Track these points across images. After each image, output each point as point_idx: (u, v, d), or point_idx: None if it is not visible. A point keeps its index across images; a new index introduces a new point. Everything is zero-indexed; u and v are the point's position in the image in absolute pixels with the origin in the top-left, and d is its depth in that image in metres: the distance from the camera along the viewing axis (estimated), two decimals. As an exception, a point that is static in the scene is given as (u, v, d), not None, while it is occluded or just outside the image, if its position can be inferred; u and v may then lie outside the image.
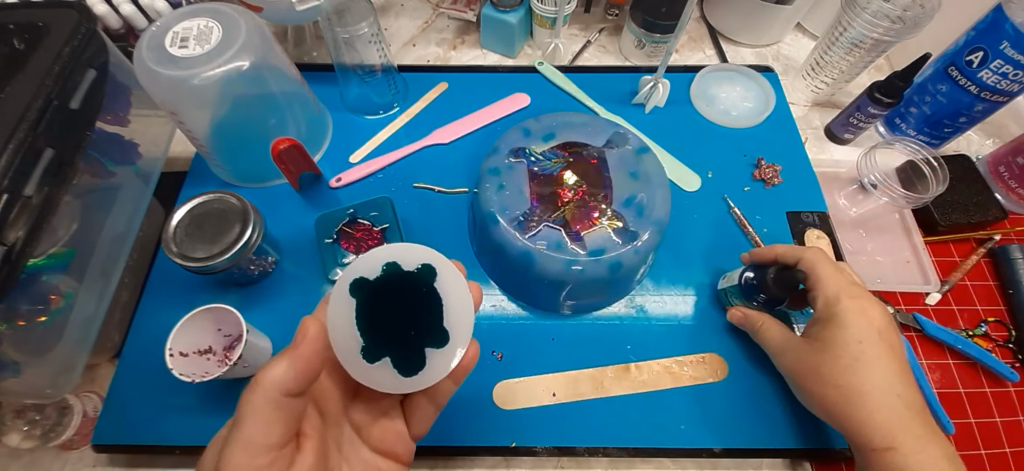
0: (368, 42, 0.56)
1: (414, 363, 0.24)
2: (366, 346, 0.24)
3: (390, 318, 0.24)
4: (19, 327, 0.40)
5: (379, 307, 0.24)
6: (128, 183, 0.50)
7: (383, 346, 0.24)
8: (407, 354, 0.24)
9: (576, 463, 0.47)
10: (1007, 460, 0.47)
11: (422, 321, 0.24)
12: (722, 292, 0.51)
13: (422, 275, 0.24)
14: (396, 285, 0.24)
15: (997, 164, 0.59)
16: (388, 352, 0.24)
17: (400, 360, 0.24)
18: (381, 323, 0.24)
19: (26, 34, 0.42)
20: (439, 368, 0.24)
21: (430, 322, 0.24)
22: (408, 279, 0.24)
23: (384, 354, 0.24)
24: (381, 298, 0.24)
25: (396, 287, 0.24)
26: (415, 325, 0.24)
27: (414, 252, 0.25)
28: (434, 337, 0.24)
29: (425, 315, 0.24)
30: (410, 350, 0.24)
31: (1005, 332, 0.52)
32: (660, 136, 0.62)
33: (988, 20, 0.51)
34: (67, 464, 0.47)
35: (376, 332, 0.24)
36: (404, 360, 0.24)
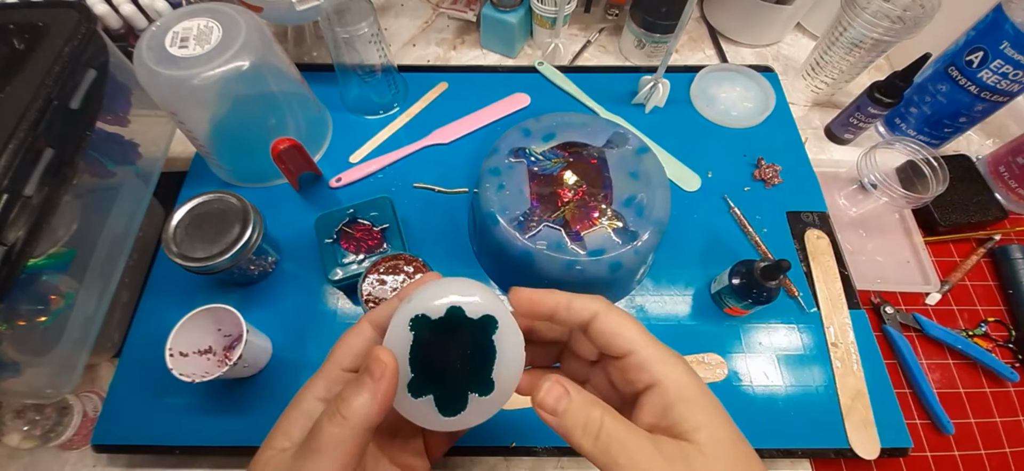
0: (368, 42, 0.56)
1: (455, 405, 0.24)
2: (414, 380, 0.24)
3: (442, 359, 0.24)
4: (19, 327, 0.40)
5: (434, 346, 0.24)
6: (128, 183, 0.50)
7: (430, 384, 0.24)
8: (450, 395, 0.24)
9: (576, 463, 0.47)
10: (1007, 460, 0.47)
11: (472, 368, 0.24)
12: (716, 294, 0.51)
13: (482, 324, 0.24)
14: (455, 328, 0.24)
15: (997, 164, 0.59)
16: (433, 390, 0.24)
17: (442, 399, 0.24)
18: (432, 362, 0.24)
19: (26, 34, 0.42)
20: (477, 413, 0.25)
21: (480, 371, 0.24)
22: (468, 325, 0.24)
23: (429, 392, 0.24)
24: (438, 338, 0.24)
25: (455, 330, 0.24)
26: (464, 369, 0.24)
27: (480, 302, 0.24)
28: (480, 385, 0.24)
29: (476, 363, 0.24)
30: (454, 392, 0.24)
31: (1005, 332, 0.52)
32: (660, 136, 0.62)
33: (988, 20, 0.51)
34: (67, 464, 0.47)
35: (426, 369, 0.24)
36: (446, 400, 0.24)
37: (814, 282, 0.52)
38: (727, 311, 0.50)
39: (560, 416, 0.22)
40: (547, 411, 0.22)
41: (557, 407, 0.22)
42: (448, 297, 0.24)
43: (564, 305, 0.25)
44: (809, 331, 0.50)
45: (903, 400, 0.49)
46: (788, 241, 0.55)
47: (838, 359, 0.49)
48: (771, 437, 0.46)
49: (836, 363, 0.48)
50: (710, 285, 0.52)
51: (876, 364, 0.48)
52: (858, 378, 0.48)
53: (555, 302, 0.25)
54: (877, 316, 0.53)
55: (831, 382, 0.48)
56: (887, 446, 0.45)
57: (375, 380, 0.21)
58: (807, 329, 0.50)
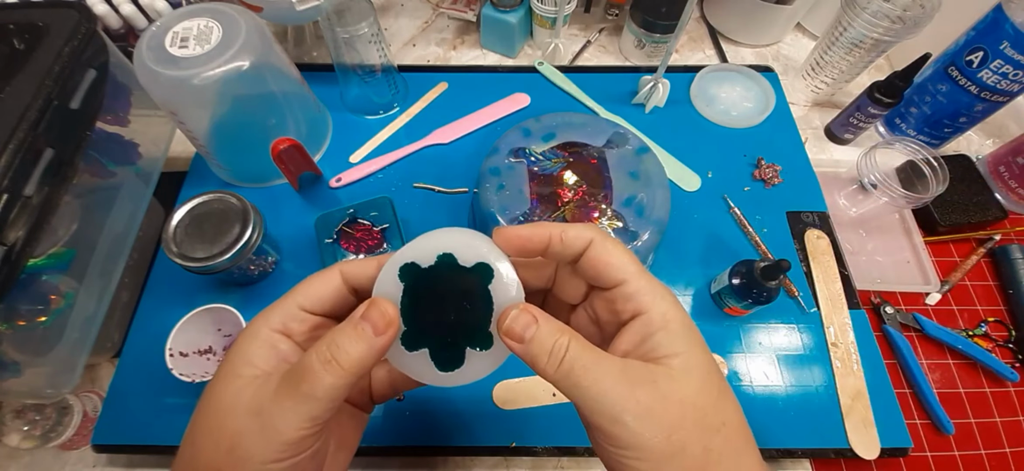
0: (368, 42, 0.56)
1: (452, 358, 0.23)
2: (407, 333, 0.23)
3: (436, 310, 0.23)
4: (19, 327, 0.40)
5: (427, 297, 0.23)
6: (128, 183, 0.50)
7: (424, 336, 0.23)
8: (446, 349, 0.23)
9: (576, 463, 0.47)
10: (1007, 460, 0.47)
11: (468, 320, 0.23)
12: (716, 294, 0.51)
13: (477, 273, 0.23)
14: (447, 277, 0.23)
15: (997, 164, 0.59)
16: (428, 343, 0.23)
17: (438, 354, 0.23)
18: (426, 313, 0.23)
19: (26, 34, 0.42)
20: (477, 368, 0.24)
21: (476, 323, 0.23)
22: (461, 273, 0.23)
23: (424, 345, 0.23)
24: (430, 288, 0.23)
25: (447, 279, 0.23)
26: (460, 322, 0.23)
27: (473, 246, 0.23)
28: (477, 338, 0.23)
29: (472, 315, 0.23)
30: (450, 345, 0.23)
31: (1005, 332, 0.52)
32: (660, 136, 0.62)
33: (988, 20, 0.51)
34: (67, 464, 0.47)
35: (419, 321, 0.23)
36: (442, 354, 0.23)
37: (814, 282, 0.52)
38: (727, 311, 0.50)
39: (527, 343, 0.21)
40: (514, 339, 0.22)
41: (524, 334, 0.21)
42: (439, 244, 0.23)
43: (557, 236, 0.24)
44: (809, 331, 0.50)
45: (903, 400, 0.49)
46: (788, 241, 0.55)
47: (838, 359, 0.49)
48: (771, 437, 0.46)
49: (836, 363, 0.48)
50: (710, 285, 0.52)
51: (876, 364, 0.48)
52: (858, 378, 0.48)
53: (548, 234, 0.24)
54: (877, 316, 0.53)
55: (831, 382, 0.48)
56: (887, 446, 0.45)
57: (377, 334, 0.21)
58: (807, 329, 0.50)
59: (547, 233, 0.23)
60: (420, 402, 0.47)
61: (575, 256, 0.24)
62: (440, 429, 0.46)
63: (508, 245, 0.24)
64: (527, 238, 0.24)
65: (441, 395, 0.47)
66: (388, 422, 0.46)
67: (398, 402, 0.47)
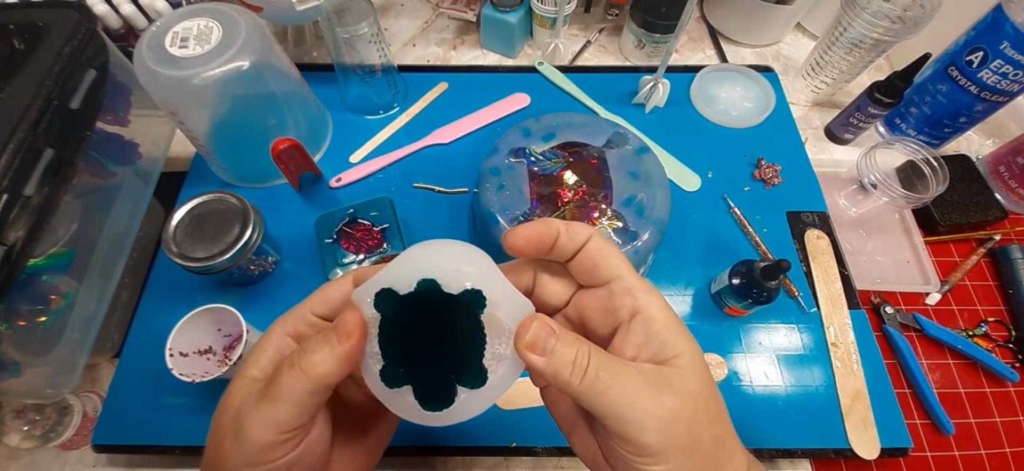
0: (368, 42, 0.56)
1: (439, 397, 0.21)
2: (386, 367, 0.21)
3: (419, 341, 0.21)
4: (19, 327, 0.40)
5: (408, 326, 0.20)
6: (128, 183, 0.50)
7: (405, 372, 0.21)
8: (432, 386, 0.21)
9: (576, 463, 0.47)
10: (1007, 460, 0.47)
11: (457, 354, 0.21)
12: (716, 294, 0.51)
13: (465, 301, 0.20)
14: (432, 305, 0.20)
15: (997, 164, 0.59)
16: (410, 381, 0.21)
17: (423, 390, 0.21)
18: (407, 345, 0.21)
19: (26, 34, 0.42)
20: (469, 408, 0.21)
21: (467, 357, 0.20)
22: (447, 301, 0.20)
23: (405, 382, 0.21)
24: (412, 316, 0.20)
25: (432, 307, 0.20)
26: (448, 355, 0.21)
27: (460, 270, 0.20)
28: (467, 376, 0.21)
29: (462, 348, 0.21)
30: (436, 383, 0.21)
31: (1005, 332, 0.52)
32: (660, 136, 0.62)
33: (988, 20, 0.51)
34: (67, 464, 0.47)
35: (400, 354, 0.21)
36: (427, 392, 0.21)
37: (814, 282, 0.52)
38: (727, 311, 0.50)
39: (548, 356, 0.21)
40: (536, 353, 0.21)
41: (546, 348, 0.21)
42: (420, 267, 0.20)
43: (564, 231, 0.23)
44: (809, 331, 0.50)
45: (903, 400, 0.49)
46: (788, 241, 0.55)
47: (838, 359, 0.49)
48: (771, 437, 0.46)
49: (836, 363, 0.48)
50: (710, 285, 0.52)
51: (876, 364, 0.48)
52: (858, 378, 0.48)
53: (556, 229, 0.23)
54: (877, 316, 0.53)
55: (831, 382, 0.48)
56: (887, 446, 0.45)
57: (340, 342, 0.21)
58: (807, 329, 0.50)
59: (555, 228, 0.23)
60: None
61: (575, 251, 0.24)
62: (440, 429, 0.46)
63: (528, 244, 0.23)
64: (542, 233, 0.23)
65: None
66: (388, 422, 0.46)
67: None
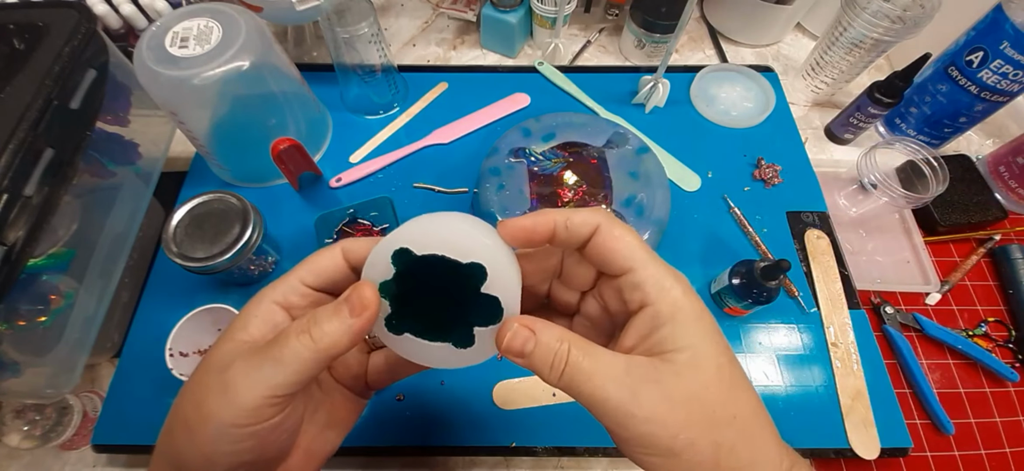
0: (368, 42, 0.56)
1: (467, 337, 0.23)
2: (392, 316, 0.23)
3: (424, 298, 0.23)
4: (19, 327, 0.40)
5: (416, 283, 0.23)
6: (128, 183, 0.50)
7: (408, 322, 0.23)
8: (460, 331, 0.23)
9: (576, 463, 0.47)
10: (1007, 460, 0.47)
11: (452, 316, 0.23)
12: (716, 294, 0.51)
13: (470, 271, 0.22)
14: (440, 269, 0.22)
15: (997, 164, 0.60)
16: (411, 329, 0.24)
17: (459, 338, 0.23)
18: (413, 299, 0.23)
19: (26, 34, 0.42)
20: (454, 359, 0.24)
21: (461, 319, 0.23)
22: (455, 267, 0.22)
23: (406, 330, 0.24)
24: (421, 276, 0.22)
25: (439, 270, 0.22)
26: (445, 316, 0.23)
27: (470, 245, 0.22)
28: (459, 336, 0.23)
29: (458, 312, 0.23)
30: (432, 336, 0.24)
31: (1005, 332, 0.52)
32: (660, 136, 0.62)
33: (988, 20, 0.51)
34: (67, 464, 0.47)
35: (406, 306, 0.23)
36: (462, 336, 0.23)
37: (814, 282, 0.52)
38: (727, 311, 0.50)
39: (528, 357, 0.21)
40: (515, 354, 0.22)
41: (524, 348, 0.21)
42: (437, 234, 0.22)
43: (562, 223, 0.23)
44: (809, 331, 0.50)
45: (903, 400, 0.49)
46: (788, 241, 0.55)
47: (838, 359, 0.49)
48: (771, 437, 0.46)
49: (836, 363, 0.48)
50: (710, 285, 0.52)
51: (876, 364, 0.48)
52: (858, 378, 0.48)
53: (553, 221, 0.23)
54: (877, 316, 0.53)
55: (831, 382, 0.48)
56: (887, 446, 0.45)
57: (353, 315, 0.21)
58: (807, 329, 0.50)
59: (552, 220, 0.23)
60: (420, 402, 0.47)
61: (582, 242, 0.23)
62: (440, 429, 0.46)
63: (512, 237, 0.23)
64: (531, 228, 0.23)
65: (441, 395, 0.47)
66: (388, 422, 0.46)
67: (398, 402, 0.47)
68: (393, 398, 0.47)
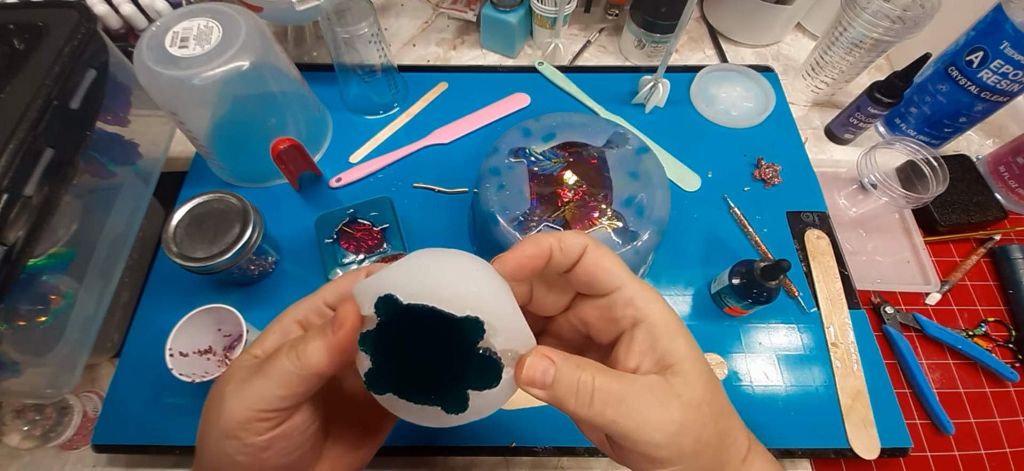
0: (368, 42, 0.56)
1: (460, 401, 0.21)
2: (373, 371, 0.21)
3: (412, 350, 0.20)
4: (19, 327, 0.40)
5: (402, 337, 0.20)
6: (128, 183, 0.50)
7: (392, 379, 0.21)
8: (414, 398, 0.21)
9: (576, 463, 0.47)
10: (1007, 460, 0.47)
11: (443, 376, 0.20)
12: (716, 294, 0.51)
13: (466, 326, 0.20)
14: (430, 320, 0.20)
15: (997, 164, 0.59)
16: (395, 389, 0.21)
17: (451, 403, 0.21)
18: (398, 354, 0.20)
19: (26, 34, 0.42)
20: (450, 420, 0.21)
21: (453, 382, 0.20)
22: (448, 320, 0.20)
23: (390, 389, 0.21)
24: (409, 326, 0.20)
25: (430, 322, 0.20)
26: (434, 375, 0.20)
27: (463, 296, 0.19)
28: (450, 401, 0.21)
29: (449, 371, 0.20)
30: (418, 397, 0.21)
31: (1005, 332, 0.52)
32: (660, 136, 0.62)
33: (988, 20, 0.51)
34: (67, 464, 0.47)
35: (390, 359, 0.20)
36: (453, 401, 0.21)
37: (814, 282, 0.52)
38: (727, 311, 0.50)
39: (550, 388, 0.21)
40: (537, 386, 0.21)
41: (545, 380, 0.21)
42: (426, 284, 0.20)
43: (557, 246, 0.23)
44: (809, 331, 0.50)
45: (903, 400, 0.49)
46: (788, 241, 0.55)
47: (838, 359, 0.49)
48: (771, 437, 0.46)
49: (836, 363, 0.48)
50: (710, 285, 0.52)
51: (876, 364, 0.48)
52: (858, 378, 0.48)
53: (548, 245, 0.22)
54: (877, 316, 0.53)
55: (831, 382, 0.48)
56: (887, 446, 0.45)
57: (332, 332, 0.21)
58: (807, 329, 0.50)
59: (547, 244, 0.23)
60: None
61: (573, 263, 0.23)
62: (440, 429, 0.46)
63: (512, 275, 0.22)
64: (532, 256, 0.22)
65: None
66: (388, 422, 0.46)
67: None
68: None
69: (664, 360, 0.22)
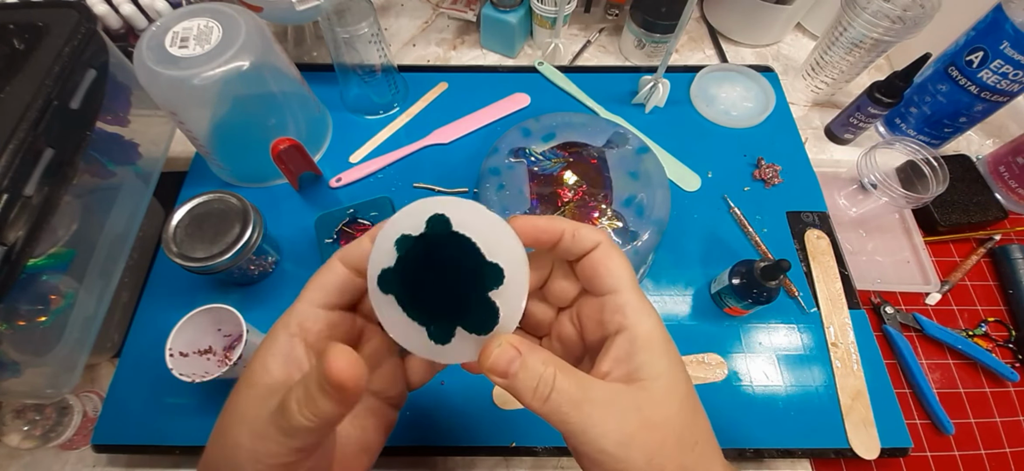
0: (368, 42, 0.56)
1: (487, 316, 0.22)
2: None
3: (429, 273, 0.22)
4: (19, 327, 0.40)
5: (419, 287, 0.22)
6: (128, 183, 0.50)
7: (402, 287, 0.22)
8: (443, 325, 0.22)
9: (576, 464, 0.47)
10: (1007, 460, 0.47)
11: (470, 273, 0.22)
12: (716, 294, 0.51)
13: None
14: (459, 253, 0.21)
15: (997, 164, 0.60)
16: (399, 295, 0.22)
17: (473, 322, 0.22)
18: (422, 284, 0.22)
19: (26, 34, 0.42)
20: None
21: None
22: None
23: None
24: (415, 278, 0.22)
25: (458, 254, 0.21)
26: (466, 280, 0.22)
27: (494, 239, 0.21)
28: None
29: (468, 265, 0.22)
30: (446, 320, 0.22)
31: (1005, 332, 0.52)
32: (660, 136, 0.62)
33: (988, 20, 0.51)
34: (67, 464, 0.47)
35: (416, 293, 0.22)
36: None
37: (814, 282, 0.52)
38: (727, 311, 0.50)
39: (511, 379, 0.21)
40: (498, 375, 0.21)
41: (509, 370, 0.21)
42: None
43: (570, 232, 0.23)
44: (809, 331, 0.50)
45: (903, 400, 0.49)
46: (788, 241, 0.55)
47: (838, 359, 0.49)
48: (771, 437, 0.46)
49: (836, 363, 0.48)
50: (710, 285, 0.52)
51: (876, 364, 0.48)
52: (858, 378, 0.48)
53: (561, 229, 0.23)
54: (877, 316, 0.53)
55: (831, 382, 0.48)
56: (887, 446, 0.45)
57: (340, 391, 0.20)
58: (807, 329, 0.50)
59: (561, 227, 0.23)
60: (420, 402, 0.47)
61: (580, 255, 0.24)
62: (440, 429, 0.46)
63: (525, 233, 0.23)
64: (543, 230, 0.23)
65: (441, 395, 0.47)
66: (388, 422, 0.46)
67: None
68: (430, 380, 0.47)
69: (636, 374, 0.22)
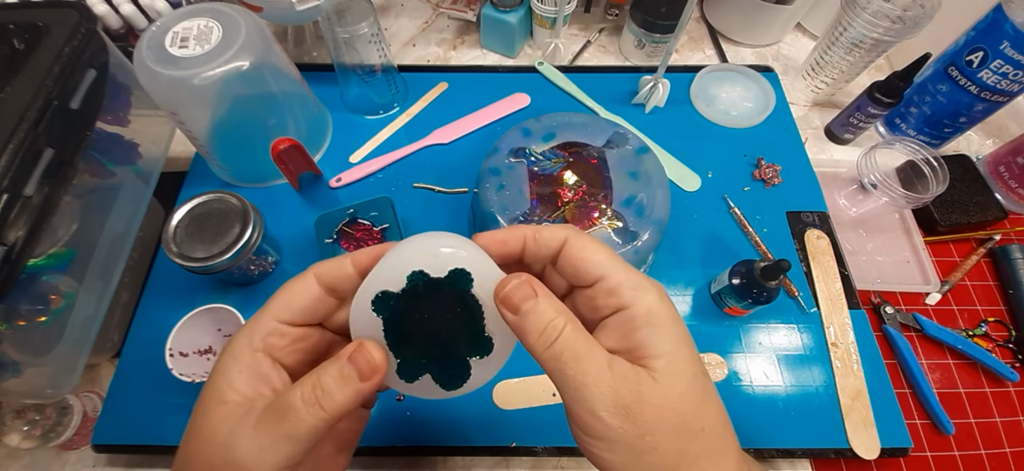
0: (368, 42, 0.56)
1: (456, 374, 0.23)
2: (402, 364, 0.22)
3: (425, 329, 0.22)
4: (19, 327, 0.40)
5: (411, 319, 0.22)
6: (128, 183, 0.50)
7: (419, 360, 0.23)
8: (447, 365, 0.23)
9: (576, 463, 0.47)
10: (1007, 460, 0.47)
11: (461, 329, 0.22)
12: (716, 294, 0.51)
13: (453, 280, 0.22)
14: (425, 294, 0.22)
15: (997, 164, 0.59)
16: (427, 369, 0.23)
17: (441, 372, 0.23)
18: (415, 336, 0.22)
19: (26, 34, 0.42)
20: (480, 376, 0.23)
21: (471, 329, 0.22)
22: (439, 285, 0.22)
23: (422, 371, 0.23)
24: (411, 309, 0.22)
25: (426, 295, 0.22)
26: (454, 333, 0.22)
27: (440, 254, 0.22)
28: (476, 345, 0.23)
29: (464, 323, 0.22)
30: (451, 361, 0.23)
31: (1005, 332, 0.52)
32: (660, 136, 0.62)
33: (988, 20, 0.51)
34: (67, 464, 0.47)
35: (410, 346, 0.22)
36: (445, 372, 0.23)
37: (814, 282, 0.52)
38: (727, 311, 0.50)
39: (522, 316, 0.21)
40: (510, 309, 0.21)
41: (522, 306, 0.21)
42: (406, 262, 0.21)
43: (531, 237, 0.24)
44: (809, 331, 0.50)
45: (903, 400, 0.49)
46: (788, 241, 0.55)
47: (838, 359, 0.49)
48: (771, 437, 0.46)
49: (836, 363, 0.48)
50: (710, 285, 0.52)
51: (876, 364, 0.48)
52: (858, 378, 0.48)
53: (522, 235, 0.24)
54: (877, 316, 0.53)
55: (831, 382, 0.48)
56: (887, 446, 0.45)
57: (362, 378, 0.21)
58: (807, 329, 0.50)
59: (521, 234, 0.24)
60: (420, 402, 0.47)
61: (552, 256, 0.24)
62: (440, 429, 0.46)
63: (487, 247, 0.24)
64: (503, 241, 0.24)
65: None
66: (388, 422, 0.46)
67: (398, 402, 0.47)
68: (393, 398, 0.47)
69: (639, 350, 0.21)
